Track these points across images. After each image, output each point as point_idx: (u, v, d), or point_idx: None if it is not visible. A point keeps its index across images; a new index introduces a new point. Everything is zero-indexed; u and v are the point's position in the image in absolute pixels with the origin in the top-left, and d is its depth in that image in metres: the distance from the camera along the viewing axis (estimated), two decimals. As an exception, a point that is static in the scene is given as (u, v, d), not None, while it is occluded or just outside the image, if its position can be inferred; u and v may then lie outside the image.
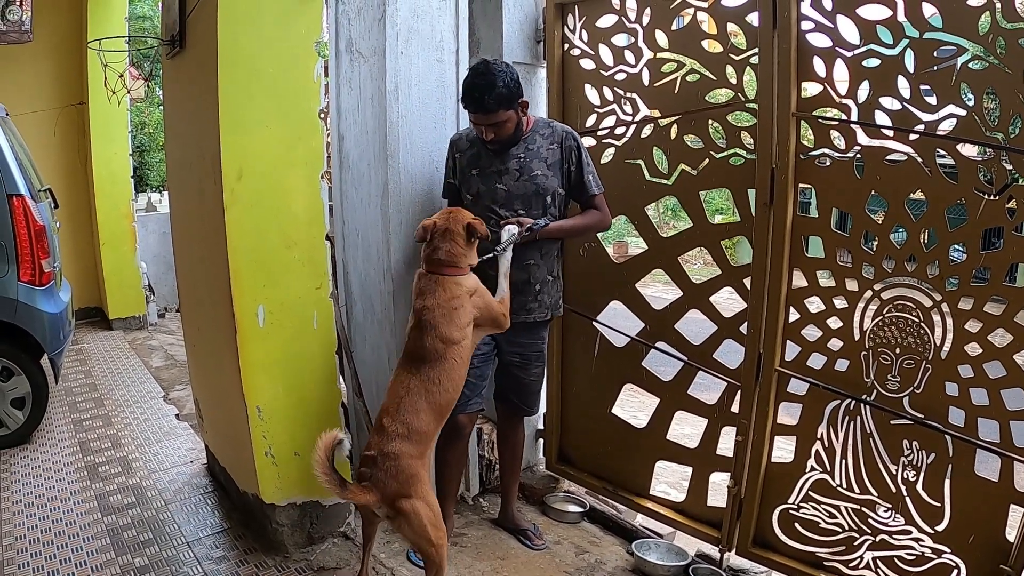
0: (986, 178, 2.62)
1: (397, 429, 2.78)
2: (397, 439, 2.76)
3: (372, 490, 2.71)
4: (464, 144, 3.41)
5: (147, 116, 14.05)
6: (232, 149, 3.07)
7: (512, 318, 3.26)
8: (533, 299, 3.36)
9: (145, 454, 4.65)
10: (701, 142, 3.34)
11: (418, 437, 2.80)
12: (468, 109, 3.17)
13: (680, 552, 3.48)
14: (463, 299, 2.94)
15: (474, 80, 3.11)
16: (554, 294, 3.45)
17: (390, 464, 2.73)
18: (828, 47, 2.87)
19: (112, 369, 6.57)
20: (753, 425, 3.21)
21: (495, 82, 3.06)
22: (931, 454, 2.80)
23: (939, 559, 2.81)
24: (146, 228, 8.62)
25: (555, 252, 3.42)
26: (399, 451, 2.74)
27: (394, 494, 2.72)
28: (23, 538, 3.59)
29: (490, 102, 3.07)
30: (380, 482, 2.72)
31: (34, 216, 4.69)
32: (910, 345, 2.82)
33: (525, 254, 3.28)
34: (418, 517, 2.73)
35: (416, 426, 2.80)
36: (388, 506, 2.73)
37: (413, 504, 2.73)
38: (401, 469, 2.73)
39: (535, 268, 3.33)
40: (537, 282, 3.35)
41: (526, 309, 3.35)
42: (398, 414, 2.81)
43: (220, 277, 3.22)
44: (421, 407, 2.82)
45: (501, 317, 3.10)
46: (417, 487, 2.76)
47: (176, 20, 3.52)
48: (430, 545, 2.78)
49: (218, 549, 3.51)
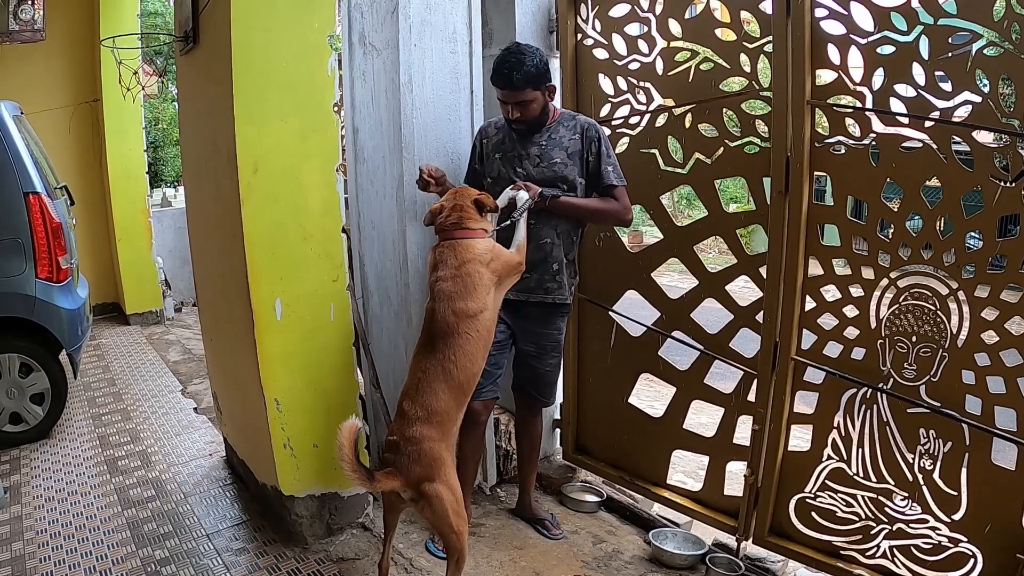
0: (1002, 165, 2.60)
1: (417, 413, 2.77)
2: (418, 423, 2.76)
3: (397, 475, 2.72)
4: (492, 131, 3.46)
5: (161, 112, 14.11)
6: (247, 143, 3.08)
7: (531, 296, 3.30)
8: (551, 279, 3.36)
9: (164, 448, 4.69)
10: (716, 131, 3.33)
11: (439, 419, 2.79)
12: (497, 85, 3.23)
13: (697, 541, 3.49)
14: (477, 265, 2.88)
15: (505, 57, 3.19)
16: (570, 277, 3.45)
17: (412, 448, 2.73)
18: (842, 34, 2.85)
19: (130, 364, 6.62)
20: (770, 414, 3.21)
21: (524, 60, 3.14)
22: (948, 443, 2.80)
23: (956, 548, 2.80)
24: (161, 223, 8.65)
25: (572, 235, 3.41)
26: (420, 435, 2.74)
27: (418, 478, 2.72)
28: (44, 532, 3.63)
29: (518, 78, 3.14)
30: (404, 467, 2.73)
31: (51, 213, 4.72)
32: (926, 333, 2.81)
33: (541, 233, 3.29)
34: (441, 501, 2.74)
35: (435, 408, 2.78)
36: (413, 490, 2.75)
37: (436, 488, 2.73)
38: (424, 453, 2.73)
39: (552, 247, 3.33)
40: (555, 261, 3.35)
41: (544, 288, 3.36)
42: (417, 397, 2.80)
43: (237, 270, 3.24)
44: (439, 387, 2.80)
45: (519, 265, 3.07)
46: (441, 470, 2.76)
47: (189, 16, 3.53)
48: (451, 531, 2.78)
49: (237, 541, 3.53)
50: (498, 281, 2.97)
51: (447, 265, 2.89)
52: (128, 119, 7.75)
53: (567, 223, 3.37)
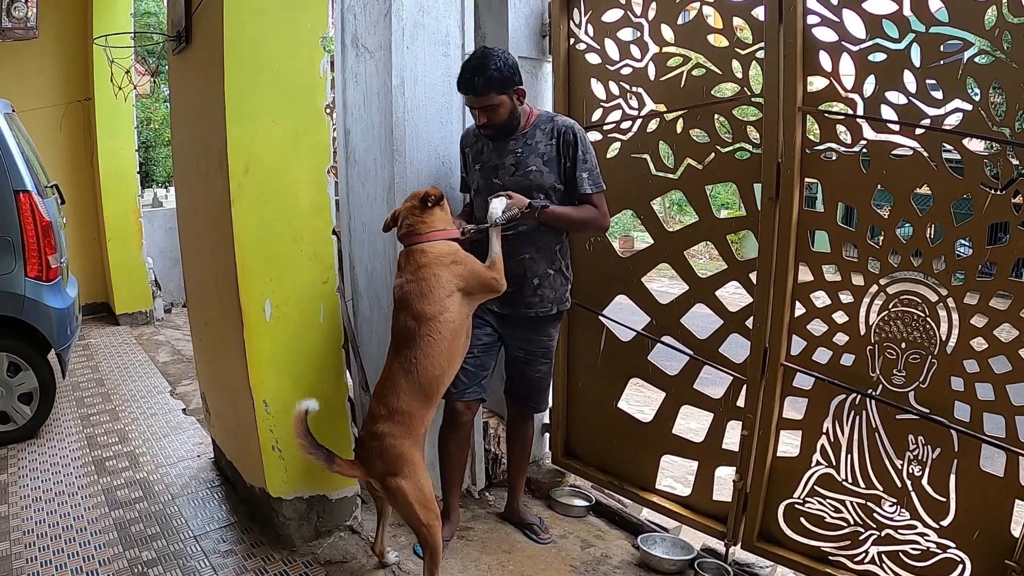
0: (992, 173, 2.62)
1: (381, 411, 2.91)
2: (381, 420, 2.89)
3: (358, 466, 2.93)
4: (471, 139, 3.42)
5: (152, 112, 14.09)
6: (239, 144, 3.07)
7: (513, 311, 3.30)
8: (532, 294, 3.34)
9: (152, 448, 4.67)
10: (707, 136, 3.33)
11: (400, 418, 2.88)
12: (460, 90, 3.19)
13: (686, 546, 3.49)
14: (435, 268, 2.92)
15: (467, 62, 3.16)
16: (558, 288, 3.39)
17: (375, 444, 2.88)
18: (834, 41, 2.86)
19: (119, 364, 6.59)
20: (759, 419, 3.22)
21: (487, 64, 3.07)
22: (936, 449, 2.81)
23: (944, 554, 2.81)
24: (152, 223, 8.64)
25: (553, 245, 3.34)
26: (382, 432, 2.88)
27: (380, 472, 2.88)
28: (31, 532, 3.61)
29: (480, 83, 3.08)
30: (367, 460, 2.91)
31: (41, 212, 4.70)
32: (916, 340, 2.82)
33: (519, 248, 3.25)
34: (403, 495, 2.86)
35: (396, 407, 2.89)
36: (377, 482, 2.92)
37: (398, 483, 2.86)
38: (385, 449, 2.86)
39: (531, 262, 3.30)
40: (535, 276, 3.32)
41: (525, 303, 3.34)
42: (382, 397, 2.93)
43: (227, 271, 3.23)
44: (400, 387, 2.90)
45: (493, 281, 3.04)
46: (404, 467, 2.87)
47: (182, 16, 3.53)
48: (420, 524, 2.91)
49: (225, 543, 3.52)
50: (464, 287, 2.97)
51: (405, 271, 2.98)
52: (120, 118, 7.73)
53: (547, 235, 3.30)
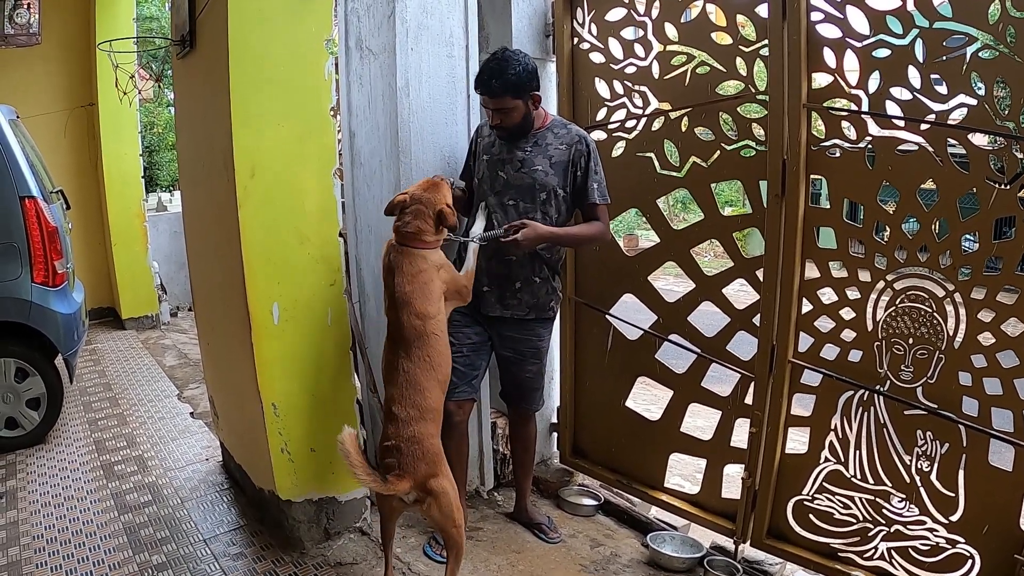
0: (997, 167, 2.62)
1: (411, 413, 2.85)
2: (413, 423, 2.84)
3: (406, 477, 2.78)
4: (486, 131, 3.44)
5: (156, 116, 14.08)
6: (244, 147, 3.08)
7: (490, 311, 3.36)
8: (512, 296, 3.36)
9: (160, 452, 4.68)
10: (712, 134, 3.34)
11: (432, 415, 2.90)
12: (477, 90, 3.23)
13: (695, 544, 3.50)
14: (431, 272, 2.98)
15: (488, 63, 3.18)
16: (541, 296, 3.40)
17: (415, 448, 2.81)
18: (838, 38, 2.86)
19: (126, 368, 6.60)
20: (767, 417, 3.22)
21: (506, 68, 3.11)
22: (945, 444, 2.80)
23: (953, 549, 2.81)
24: (157, 228, 8.64)
25: (543, 253, 3.35)
26: (419, 433, 2.83)
27: (424, 475, 2.80)
28: (40, 537, 3.62)
29: (496, 86, 3.13)
30: (410, 468, 2.79)
31: (46, 217, 4.71)
32: (923, 335, 2.82)
33: (507, 249, 3.25)
34: (447, 496, 2.84)
35: (427, 405, 2.88)
36: (420, 489, 2.81)
37: (442, 483, 2.84)
38: (426, 450, 2.83)
39: (516, 265, 3.33)
40: (518, 279, 3.34)
41: (503, 304, 3.37)
42: (405, 399, 2.87)
43: (234, 275, 3.24)
44: (425, 386, 2.89)
45: (464, 290, 3.15)
46: (442, 465, 2.88)
47: (186, 20, 3.54)
48: (453, 526, 2.88)
49: (235, 546, 3.53)
50: (446, 291, 3.06)
51: (403, 271, 2.96)
52: (124, 123, 7.74)
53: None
